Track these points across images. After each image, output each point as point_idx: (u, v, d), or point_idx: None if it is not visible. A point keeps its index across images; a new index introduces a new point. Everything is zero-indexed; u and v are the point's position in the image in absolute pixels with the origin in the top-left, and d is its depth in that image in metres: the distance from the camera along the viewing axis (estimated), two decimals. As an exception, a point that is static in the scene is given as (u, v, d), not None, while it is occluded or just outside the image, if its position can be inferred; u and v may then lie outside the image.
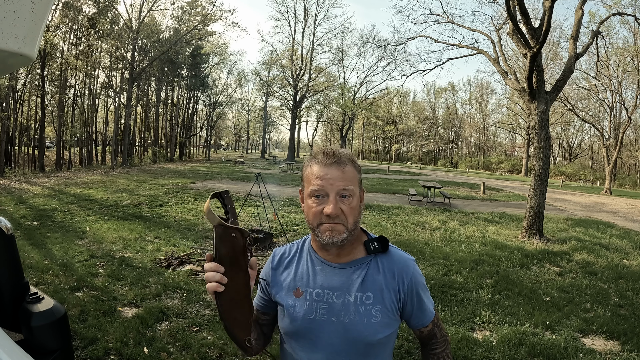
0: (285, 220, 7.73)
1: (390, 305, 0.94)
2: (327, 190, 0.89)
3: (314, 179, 0.91)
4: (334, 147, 0.97)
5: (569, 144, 47.34)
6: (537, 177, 7.39)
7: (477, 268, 5.29)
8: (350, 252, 0.97)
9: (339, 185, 0.90)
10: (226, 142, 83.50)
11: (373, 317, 0.92)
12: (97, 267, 4.58)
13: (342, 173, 0.91)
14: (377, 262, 0.97)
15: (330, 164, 0.91)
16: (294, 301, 0.96)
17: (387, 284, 0.95)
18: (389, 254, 0.98)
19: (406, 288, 0.96)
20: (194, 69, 33.14)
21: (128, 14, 23.06)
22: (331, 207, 0.88)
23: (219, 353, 2.88)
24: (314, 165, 0.93)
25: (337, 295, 0.94)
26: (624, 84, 25.37)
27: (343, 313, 0.92)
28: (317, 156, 0.94)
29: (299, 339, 0.95)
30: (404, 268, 0.97)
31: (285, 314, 0.97)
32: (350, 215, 0.91)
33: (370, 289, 0.94)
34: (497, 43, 9.31)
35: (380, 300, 0.93)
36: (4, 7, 0.58)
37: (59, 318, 1.12)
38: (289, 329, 0.96)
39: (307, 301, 0.95)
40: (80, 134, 24.51)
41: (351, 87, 40.29)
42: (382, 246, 0.97)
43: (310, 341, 0.94)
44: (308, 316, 0.94)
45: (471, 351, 3.07)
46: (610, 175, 22.34)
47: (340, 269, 0.96)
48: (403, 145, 66.90)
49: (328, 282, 0.95)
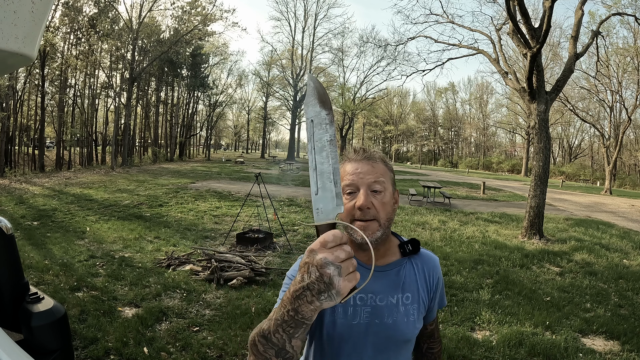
0: (285, 220, 7.73)
1: (424, 302, 0.99)
2: (358, 184, 0.89)
3: (346, 176, 0.91)
4: (363, 145, 0.98)
5: (569, 144, 47.34)
6: (537, 177, 7.39)
7: (477, 268, 5.29)
8: (385, 254, 0.98)
9: (369, 178, 0.89)
10: (226, 142, 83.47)
11: (411, 315, 0.95)
12: (97, 267, 4.58)
13: (372, 167, 0.91)
14: (411, 263, 1.00)
15: (361, 159, 0.92)
16: (338, 307, 0.92)
17: (421, 284, 0.99)
18: (420, 254, 1.02)
19: (434, 286, 1.01)
20: (194, 69, 33.14)
21: (128, 14, 23.07)
22: (362, 199, 0.86)
23: (219, 353, 2.88)
24: (346, 164, 0.94)
25: (380, 298, 0.94)
26: (624, 84, 25.40)
27: (387, 315, 0.93)
28: (349, 155, 0.96)
29: (342, 343, 0.93)
30: (433, 268, 1.02)
31: (328, 320, 0.93)
32: (382, 210, 0.89)
33: (409, 289, 0.97)
34: (497, 43, 9.32)
35: (417, 300, 0.97)
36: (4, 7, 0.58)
37: (59, 318, 1.12)
38: (332, 335, 0.93)
39: (350, 306, 0.93)
40: (80, 134, 24.52)
41: (351, 87, 40.29)
42: (414, 248, 1.00)
43: (353, 344, 0.93)
44: (352, 321, 0.92)
45: (471, 351, 3.07)
46: (610, 175, 22.34)
47: (381, 272, 0.96)
48: (403, 145, 66.91)
49: (370, 286, 0.94)
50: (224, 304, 3.73)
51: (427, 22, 11.21)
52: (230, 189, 12.75)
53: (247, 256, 4.93)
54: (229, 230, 6.53)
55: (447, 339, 3.23)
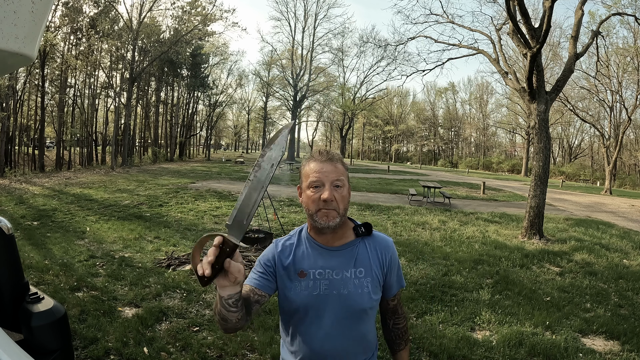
0: (285, 220, 7.73)
1: (377, 277, 1.15)
2: (324, 180, 1.07)
3: (312, 173, 1.09)
4: (326, 148, 1.16)
5: (569, 144, 47.35)
6: (537, 177, 7.39)
7: (477, 268, 5.29)
8: (342, 237, 1.16)
9: (333, 176, 1.08)
10: (226, 142, 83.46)
11: (365, 287, 1.12)
12: (97, 267, 4.58)
13: (335, 167, 1.10)
14: (364, 243, 1.17)
15: (325, 161, 1.10)
16: (300, 281, 1.12)
17: (374, 261, 1.16)
18: (373, 236, 1.19)
19: (388, 263, 1.18)
20: (194, 69, 33.13)
21: (128, 14, 23.07)
22: (327, 193, 1.05)
23: (219, 353, 2.88)
24: (311, 163, 1.12)
25: (336, 272, 1.12)
26: (624, 84, 25.42)
27: (342, 286, 1.11)
28: (314, 155, 1.14)
29: (307, 313, 1.11)
30: (385, 247, 1.19)
31: (292, 292, 1.12)
32: (341, 202, 1.08)
33: (362, 265, 1.14)
34: (497, 43, 9.31)
35: (370, 274, 1.14)
36: (4, 7, 0.58)
37: (59, 318, 1.12)
38: (298, 306, 1.11)
39: (311, 280, 1.11)
40: (80, 134, 24.52)
41: (351, 87, 40.26)
42: (367, 230, 1.18)
43: (316, 312, 1.11)
44: (313, 292, 1.10)
45: (471, 351, 3.07)
46: (610, 175, 22.34)
47: (336, 251, 1.14)
48: (403, 145, 66.93)
49: (327, 263, 1.12)
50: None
51: (427, 22, 11.22)
52: (230, 189, 12.75)
53: (247, 256, 4.93)
54: (229, 230, 6.52)
55: (447, 339, 3.23)
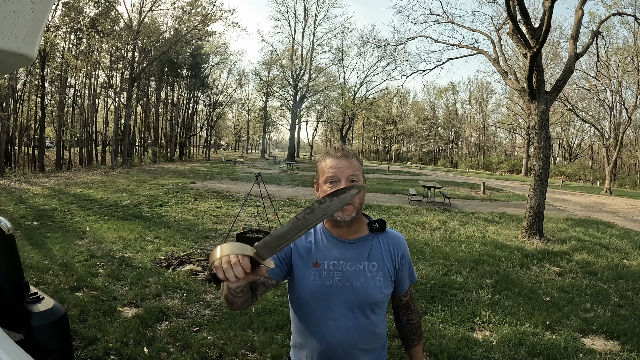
0: (285, 221, 7.73)
1: (389, 271, 1.18)
2: (340, 176, 1.11)
3: (328, 169, 1.12)
4: (342, 145, 1.20)
5: (569, 144, 47.34)
6: (537, 177, 7.39)
7: (477, 268, 5.29)
8: (357, 231, 1.19)
9: (348, 172, 1.11)
10: (226, 142, 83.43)
11: (377, 280, 1.15)
12: (97, 267, 4.58)
13: (350, 163, 1.12)
14: (378, 239, 1.21)
15: (341, 157, 1.13)
16: (314, 271, 1.15)
17: (386, 256, 1.19)
18: (386, 232, 1.23)
19: (400, 259, 1.21)
20: (194, 69, 33.12)
21: (128, 14, 23.06)
22: None
23: (219, 353, 2.88)
24: (327, 159, 1.15)
25: (350, 265, 1.15)
26: (624, 84, 25.40)
27: (355, 278, 1.13)
28: (330, 152, 1.17)
29: (319, 303, 1.14)
30: (397, 243, 1.22)
31: (306, 282, 1.15)
32: (357, 197, 1.10)
33: (375, 259, 1.17)
34: (497, 43, 9.31)
35: (382, 268, 1.17)
36: (4, 7, 0.58)
37: (59, 318, 1.12)
38: (311, 295, 1.14)
39: (324, 270, 1.14)
40: (80, 134, 24.52)
41: (351, 87, 40.33)
42: (381, 226, 1.21)
43: (328, 303, 1.13)
44: (327, 282, 1.13)
45: (471, 351, 3.07)
46: (610, 175, 22.34)
47: (350, 244, 1.17)
48: (403, 145, 66.92)
49: (342, 255, 1.16)
50: (224, 304, 3.72)
51: (427, 22, 11.21)
52: (231, 189, 12.75)
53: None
54: (229, 230, 6.52)
55: (447, 339, 3.23)
